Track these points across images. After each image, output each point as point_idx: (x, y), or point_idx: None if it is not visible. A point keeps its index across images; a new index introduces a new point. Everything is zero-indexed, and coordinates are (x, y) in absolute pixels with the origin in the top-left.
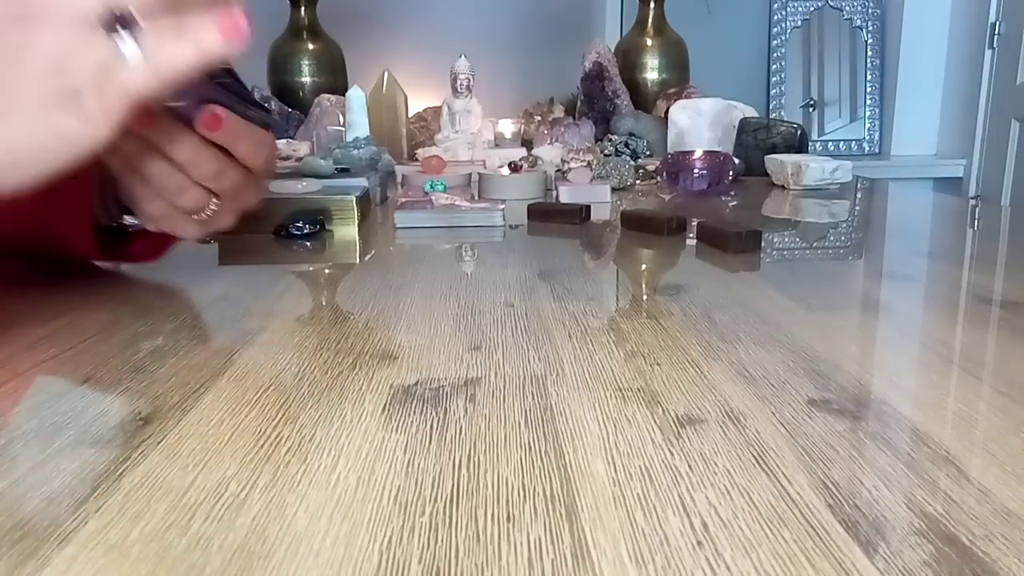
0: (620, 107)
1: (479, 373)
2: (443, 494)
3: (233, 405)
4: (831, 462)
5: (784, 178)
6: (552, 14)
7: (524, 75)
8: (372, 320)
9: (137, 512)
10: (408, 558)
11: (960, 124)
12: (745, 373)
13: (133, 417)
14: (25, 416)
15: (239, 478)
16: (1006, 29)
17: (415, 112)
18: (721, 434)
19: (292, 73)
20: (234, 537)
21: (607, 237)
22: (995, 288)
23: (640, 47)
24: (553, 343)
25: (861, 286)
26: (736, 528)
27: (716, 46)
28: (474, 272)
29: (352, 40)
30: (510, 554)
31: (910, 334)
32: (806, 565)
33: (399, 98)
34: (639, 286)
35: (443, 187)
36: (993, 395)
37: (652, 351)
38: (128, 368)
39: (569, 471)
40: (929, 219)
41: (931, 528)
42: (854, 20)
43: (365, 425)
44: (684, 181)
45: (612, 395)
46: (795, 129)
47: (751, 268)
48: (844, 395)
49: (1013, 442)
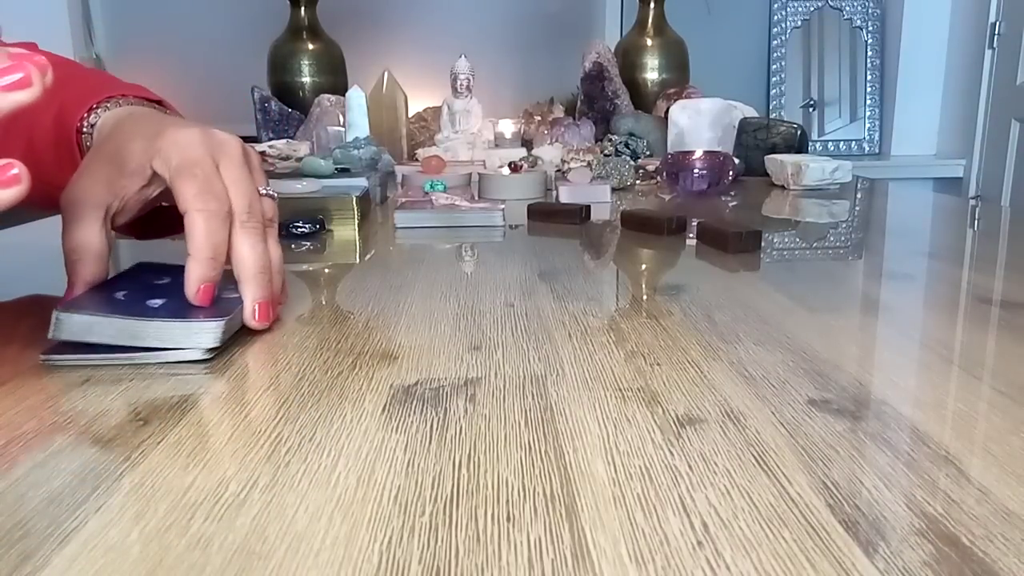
0: (620, 107)
1: (479, 373)
2: (443, 494)
3: (233, 405)
4: (831, 462)
5: (784, 178)
6: (552, 14)
7: (524, 75)
8: (372, 320)
9: (137, 512)
10: (408, 558)
11: (960, 124)
12: (745, 373)
13: (133, 417)
14: (25, 416)
15: (239, 478)
16: (1006, 29)
17: (415, 112)
18: (721, 434)
19: (292, 73)
20: (234, 537)
21: (607, 237)
22: (995, 288)
23: (640, 47)
24: (553, 343)
25: (861, 286)
26: (736, 528)
27: (716, 46)
28: (474, 272)
29: (352, 40)
30: (510, 554)
31: (910, 334)
32: (806, 565)
33: (399, 98)
34: (639, 286)
35: (443, 187)
36: (993, 395)
37: (652, 351)
38: (128, 368)
39: (569, 471)
40: (929, 219)
41: (931, 528)
42: (854, 20)
43: (365, 425)
44: (684, 181)
45: (612, 395)
46: (795, 129)
47: (751, 268)
48: (844, 395)
49: (1013, 442)
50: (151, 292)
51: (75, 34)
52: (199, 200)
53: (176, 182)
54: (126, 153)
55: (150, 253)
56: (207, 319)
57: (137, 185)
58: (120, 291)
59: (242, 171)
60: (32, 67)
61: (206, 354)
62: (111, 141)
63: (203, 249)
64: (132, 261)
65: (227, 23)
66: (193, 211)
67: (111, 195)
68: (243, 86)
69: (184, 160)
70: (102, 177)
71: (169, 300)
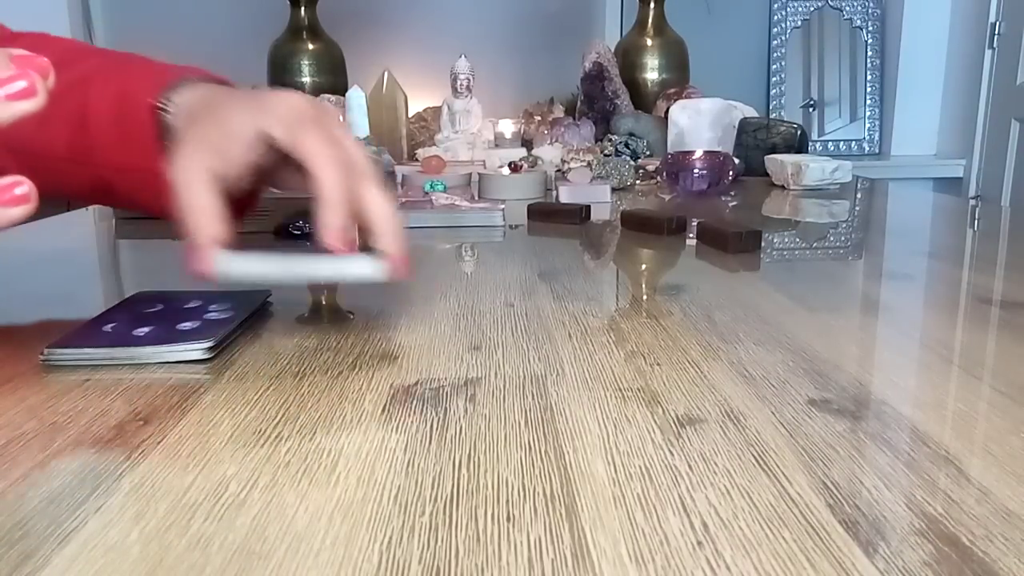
0: (620, 107)
1: (479, 373)
2: (443, 494)
3: (233, 405)
4: (831, 462)
5: (784, 178)
6: (552, 14)
7: (524, 75)
8: (372, 320)
9: (137, 512)
10: (408, 558)
11: (960, 124)
12: (745, 373)
13: (133, 417)
14: (25, 416)
15: (239, 478)
16: (1006, 29)
17: (415, 112)
18: (721, 434)
19: (292, 73)
20: (234, 537)
21: (607, 237)
22: (995, 288)
23: (640, 47)
24: (553, 343)
25: (861, 286)
26: (736, 528)
27: (716, 46)
28: (474, 272)
29: (352, 40)
30: (510, 554)
31: (910, 334)
32: (806, 565)
33: (399, 98)
34: (639, 286)
35: (443, 187)
36: (993, 395)
37: (652, 351)
38: (128, 368)
39: (569, 471)
40: (929, 219)
41: (931, 528)
42: (854, 20)
43: (365, 425)
44: (684, 181)
45: (612, 395)
46: (795, 129)
47: (751, 268)
48: (844, 395)
49: (1013, 442)
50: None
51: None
52: (328, 148)
53: (298, 135)
54: (231, 120)
55: (149, 254)
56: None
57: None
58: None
59: (346, 130)
60: (35, 75)
61: (206, 354)
62: (209, 112)
63: (336, 194)
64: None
65: (227, 23)
66: (322, 159)
67: (220, 161)
68: (243, 86)
69: (302, 116)
70: (209, 144)
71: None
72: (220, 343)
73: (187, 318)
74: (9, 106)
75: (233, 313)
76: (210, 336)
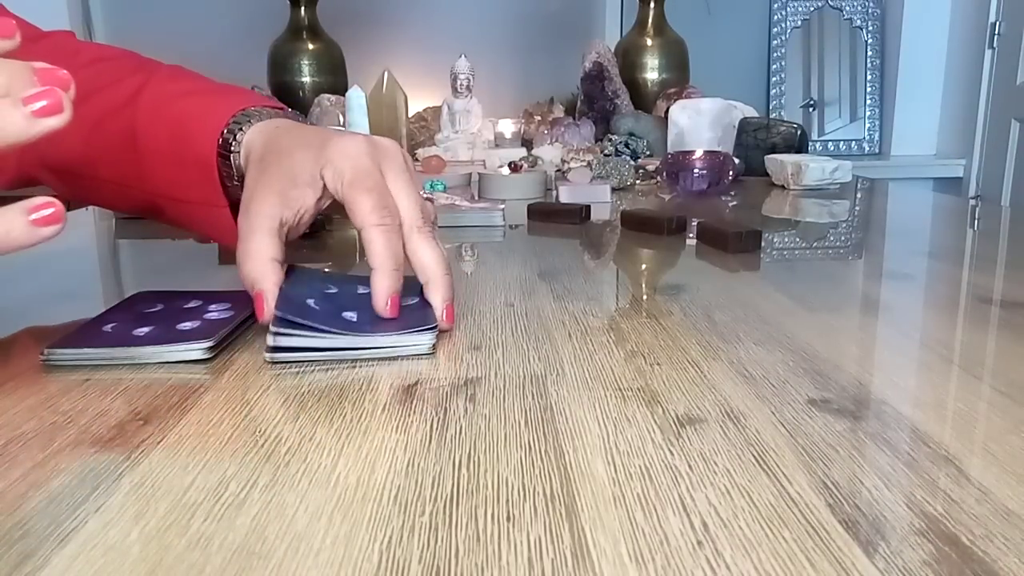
0: (620, 107)
1: (479, 373)
2: (443, 494)
3: (233, 405)
4: (831, 462)
5: (784, 178)
6: (552, 14)
7: (524, 75)
8: None
9: (137, 512)
10: (408, 558)
11: (960, 124)
12: (745, 373)
13: (133, 417)
14: (25, 416)
15: (239, 478)
16: (1006, 29)
17: (415, 112)
18: (721, 434)
19: (292, 73)
20: (234, 537)
21: (607, 237)
22: (995, 288)
23: (640, 47)
24: (553, 343)
25: (861, 286)
26: (736, 528)
27: (716, 46)
28: (474, 272)
29: (352, 40)
30: (510, 554)
31: (910, 334)
32: (806, 565)
33: (399, 98)
34: (639, 286)
35: (443, 187)
36: (993, 395)
37: (652, 351)
38: (128, 368)
39: (569, 471)
40: (929, 219)
41: (931, 528)
42: (854, 20)
43: (365, 425)
44: (684, 181)
45: (612, 395)
46: (795, 129)
47: (751, 268)
48: (844, 395)
49: (1013, 442)
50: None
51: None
52: (375, 215)
53: (350, 197)
54: (295, 165)
55: (150, 255)
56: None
57: (312, 197)
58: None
59: (407, 177)
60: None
61: (206, 354)
62: (275, 155)
63: (388, 261)
64: (133, 262)
65: (227, 23)
66: (371, 227)
67: (285, 208)
68: (243, 86)
69: (356, 173)
70: (275, 190)
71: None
72: (220, 343)
73: (187, 318)
74: (36, 123)
75: (233, 313)
76: (210, 336)
